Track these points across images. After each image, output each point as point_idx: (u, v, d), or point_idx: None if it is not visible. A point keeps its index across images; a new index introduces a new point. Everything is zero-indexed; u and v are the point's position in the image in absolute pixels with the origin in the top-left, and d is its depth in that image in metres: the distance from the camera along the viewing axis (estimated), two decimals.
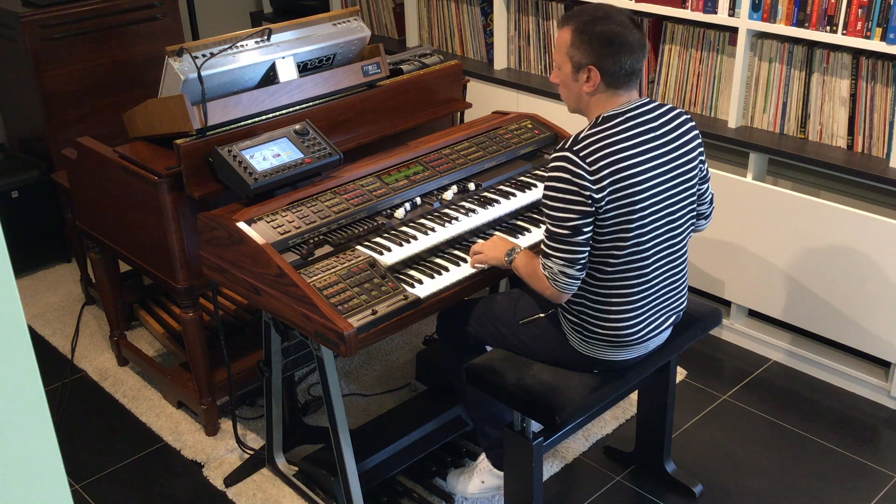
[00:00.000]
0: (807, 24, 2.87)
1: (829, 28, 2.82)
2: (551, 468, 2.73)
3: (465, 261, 2.34)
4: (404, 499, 2.60)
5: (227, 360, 2.68)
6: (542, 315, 2.25)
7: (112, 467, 2.82)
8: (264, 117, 2.61)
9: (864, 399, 3.04)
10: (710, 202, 2.30)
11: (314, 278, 2.13)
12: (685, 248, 2.21)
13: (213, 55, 2.49)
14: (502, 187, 2.65)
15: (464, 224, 2.46)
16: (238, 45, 2.57)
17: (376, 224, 2.40)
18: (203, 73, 2.44)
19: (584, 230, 2.01)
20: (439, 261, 2.36)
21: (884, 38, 2.70)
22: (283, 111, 2.65)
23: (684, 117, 2.15)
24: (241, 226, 2.23)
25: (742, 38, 3.05)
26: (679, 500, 2.62)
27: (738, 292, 3.25)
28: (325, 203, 2.38)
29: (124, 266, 3.23)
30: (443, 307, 2.31)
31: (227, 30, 3.57)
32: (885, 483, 2.67)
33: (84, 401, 3.14)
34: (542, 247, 2.08)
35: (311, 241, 2.27)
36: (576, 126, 2.21)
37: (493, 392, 2.24)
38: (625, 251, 2.05)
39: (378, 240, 2.35)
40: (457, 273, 2.30)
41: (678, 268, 2.20)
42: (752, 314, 3.35)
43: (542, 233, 2.09)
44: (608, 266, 2.07)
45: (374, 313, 2.07)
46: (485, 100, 3.79)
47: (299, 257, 2.20)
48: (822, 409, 3.00)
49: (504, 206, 2.55)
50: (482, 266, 2.32)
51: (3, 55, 3.77)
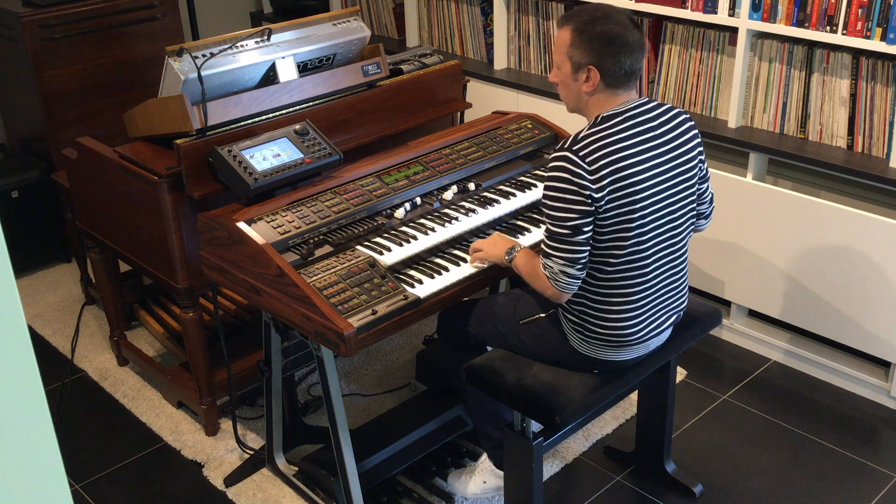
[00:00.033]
0: (807, 24, 2.87)
1: (829, 28, 2.82)
2: (551, 468, 2.73)
3: (465, 261, 2.34)
4: (404, 499, 2.60)
5: (227, 360, 2.68)
6: (543, 315, 2.25)
7: (112, 467, 2.82)
8: (264, 117, 2.61)
9: (864, 399, 3.04)
10: (711, 202, 2.30)
11: (314, 278, 2.13)
12: (685, 247, 2.21)
13: (213, 55, 2.49)
14: (502, 187, 2.65)
15: (464, 224, 2.46)
16: (238, 45, 2.57)
17: (376, 224, 2.40)
18: (203, 73, 2.44)
19: (585, 230, 2.01)
20: (439, 261, 2.36)
21: (884, 38, 2.70)
22: (283, 111, 2.65)
23: (683, 117, 2.15)
24: (241, 226, 2.23)
25: (742, 38, 3.05)
26: (679, 500, 2.62)
27: (738, 292, 3.25)
28: (325, 203, 2.38)
29: (124, 266, 3.24)
30: (443, 307, 2.31)
31: (227, 30, 3.57)
32: (885, 483, 2.67)
33: (84, 401, 3.14)
34: (543, 246, 2.08)
35: (311, 241, 2.27)
36: (576, 126, 2.20)
37: (493, 392, 2.24)
38: (625, 251, 2.05)
39: (378, 240, 2.35)
40: (457, 273, 2.30)
41: (678, 267, 2.20)
42: (752, 314, 3.35)
43: (543, 233, 2.09)
44: (608, 266, 2.07)
45: (374, 313, 2.07)
46: (485, 100, 3.79)
47: (299, 257, 2.20)
48: (822, 409, 3.00)
49: (504, 206, 2.55)
50: (482, 264, 2.32)
51: (3, 55, 3.77)
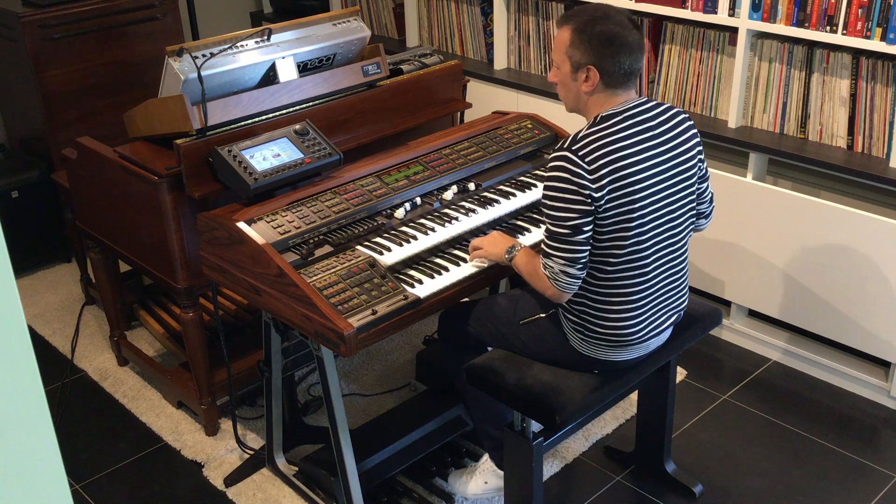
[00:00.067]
0: (807, 24, 2.87)
1: (829, 28, 2.82)
2: (551, 468, 2.73)
3: (465, 261, 2.34)
4: (404, 499, 2.60)
5: (227, 360, 2.68)
6: (543, 315, 2.25)
7: (112, 467, 2.82)
8: (264, 117, 2.61)
9: (864, 399, 3.04)
10: (710, 201, 2.30)
11: (314, 278, 2.13)
12: (685, 247, 2.21)
13: (213, 55, 2.49)
14: (502, 187, 2.65)
15: (464, 224, 2.46)
16: (238, 45, 2.57)
17: (376, 224, 2.40)
18: (203, 73, 2.44)
19: (585, 229, 2.01)
20: (439, 261, 2.36)
21: (884, 38, 2.70)
22: (283, 111, 2.65)
23: (682, 116, 2.15)
24: (241, 226, 2.23)
25: (742, 38, 3.05)
26: (679, 500, 2.62)
27: (738, 292, 3.25)
28: (325, 203, 2.38)
29: (124, 266, 3.24)
30: (443, 307, 2.31)
31: (227, 30, 3.57)
32: (885, 483, 2.67)
33: (84, 401, 3.14)
34: (543, 246, 2.08)
35: (311, 241, 2.27)
36: (576, 126, 2.20)
37: (493, 392, 2.24)
38: (625, 250, 2.05)
39: (378, 240, 2.35)
40: (457, 273, 2.30)
41: (678, 267, 2.20)
42: (752, 314, 3.35)
43: (543, 233, 2.09)
44: (608, 265, 2.07)
45: (374, 313, 2.07)
46: (485, 100, 3.79)
47: (299, 257, 2.20)
48: (822, 409, 3.00)
49: (504, 206, 2.55)
50: (482, 263, 2.32)
51: (3, 55, 3.77)
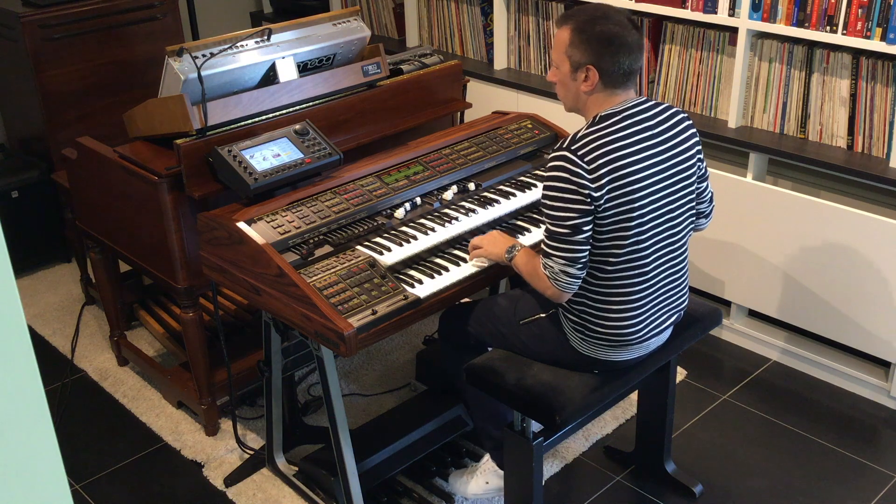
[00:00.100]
0: (807, 24, 2.87)
1: (829, 28, 2.82)
2: (551, 468, 2.73)
3: (465, 261, 2.34)
4: (404, 499, 2.60)
5: (227, 360, 2.68)
6: (543, 315, 2.25)
7: (112, 467, 2.82)
8: (264, 117, 2.61)
9: (864, 399, 3.04)
10: (710, 200, 2.31)
11: (314, 278, 2.13)
12: (685, 246, 2.21)
13: (213, 55, 2.49)
14: (502, 187, 2.65)
15: (464, 224, 2.46)
16: (238, 45, 2.57)
17: (376, 224, 2.40)
18: (203, 73, 2.44)
19: (584, 229, 2.02)
20: (439, 261, 2.36)
21: (884, 38, 2.70)
22: (283, 111, 2.65)
23: (681, 115, 2.15)
24: (241, 226, 2.23)
25: (742, 38, 3.05)
26: (679, 500, 2.62)
27: (738, 292, 3.25)
28: (325, 203, 2.38)
29: (124, 266, 3.24)
30: (443, 307, 2.31)
31: (227, 30, 3.57)
32: (885, 483, 2.67)
33: (84, 401, 3.14)
34: (543, 246, 2.08)
35: (311, 241, 2.27)
36: (576, 126, 2.20)
37: (493, 392, 2.24)
38: (624, 250, 2.06)
39: (378, 240, 2.35)
40: (457, 273, 2.30)
41: (678, 266, 2.20)
42: (752, 314, 3.35)
43: (542, 232, 2.09)
44: (608, 265, 2.07)
45: (374, 313, 2.07)
46: (485, 100, 3.79)
47: (299, 257, 2.20)
48: (822, 409, 3.00)
49: (504, 206, 2.55)
50: (482, 263, 2.32)
51: (3, 55, 3.77)
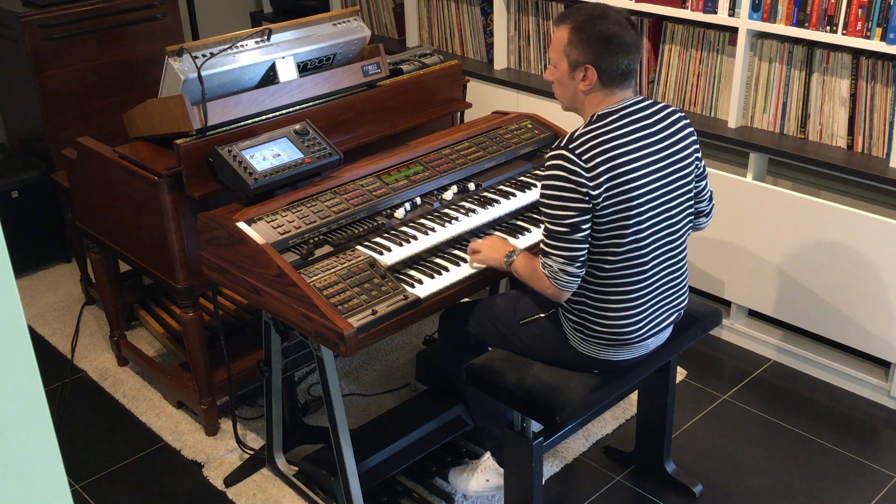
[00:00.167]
0: (807, 24, 2.87)
1: (829, 28, 2.82)
2: (551, 468, 2.73)
3: (465, 261, 2.34)
4: (404, 499, 2.60)
5: (227, 360, 2.68)
6: (543, 315, 2.25)
7: (112, 467, 2.82)
8: (264, 117, 2.61)
9: (864, 399, 3.04)
10: (710, 199, 2.31)
11: (314, 278, 2.13)
12: (684, 245, 2.21)
13: (213, 55, 2.49)
14: (502, 187, 2.65)
15: (464, 224, 2.46)
16: (238, 45, 2.57)
17: (376, 224, 2.40)
18: (203, 73, 2.44)
19: (583, 227, 2.02)
20: (439, 261, 2.36)
21: (884, 38, 2.70)
22: (283, 111, 2.65)
23: (678, 115, 2.16)
24: (241, 226, 2.23)
25: (742, 38, 3.05)
26: (679, 500, 2.62)
27: (738, 292, 3.25)
28: (325, 203, 2.38)
29: (124, 266, 3.24)
30: (443, 307, 2.31)
31: (227, 30, 3.57)
32: (885, 483, 2.67)
33: (84, 401, 3.14)
34: (542, 245, 2.09)
35: (311, 241, 2.27)
36: (576, 126, 2.20)
37: (493, 392, 2.24)
38: (623, 248, 2.06)
39: (378, 240, 2.35)
40: (457, 273, 2.30)
41: (677, 265, 2.20)
42: (752, 314, 3.35)
43: (541, 232, 2.10)
44: (607, 263, 2.08)
45: (374, 313, 2.07)
46: (485, 100, 3.79)
47: (299, 257, 2.20)
48: (822, 409, 3.00)
49: (504, 206, 2.55)
50: (481, 266, 2.32)
51: (3, 55, 3.77)
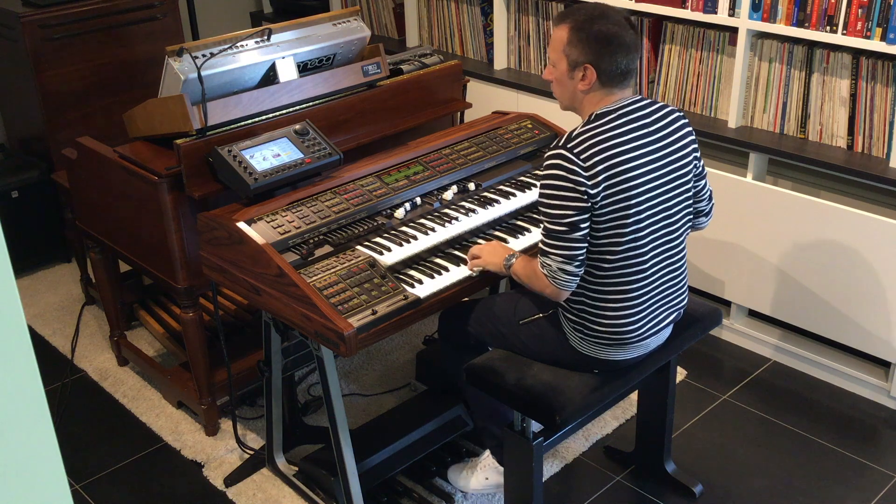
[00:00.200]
0: (807, 24, 2.87)
1: (829, 28, 2.82)
2: (551, 468, 2.73)
3: (465, 261, 2.34)
4: (404, 499, 2.60)
5: (227, 360, 2.68)
6: (543, 315, 2.25)
7: (112, 467, 2.82)
8: (264, 117, 2.61)
9: (864, 399, 3.04)
10: (710, 198, 2.31)
11: (314, 278, 2.13)
12: (683, 244, 2.21)
13: (213, 55, 2.49)
14: (502, 187, 2.65)
15: (464, 224, 2.46)
16: (238, 45, 2.57)
17: (376, 224, 2.40)
18: (203, 73, 2.44)
19: (582, 226, 2.02)
20: (439, 261, 2.36)
21: (884, 38, 2.70)
22: (283, 111, 2.65)
23: (677, 114, 2.16)
24: (241, 226, 2.23)
25: (742, 38, 3.05)
26: (679, 500, 2.62)
27: (738, 292, 3.25)
28: (325, 203, 2.38)
29: (124, 266, 3.24)
30: (443, 307, 2.31)
31: (227, 30, 3.57)
32: (885, 483, 2.67)
33: (84, 401, 3.14)
34: (540, 245, 2.09)
35: (311, 241, 2.27)
36: (576, 126, 2.20)
37: (493, 392, 2.25)
38: (622, 247, 2.06)
39: (378, 240, 2.35)
40: (457, 273, 2.30)
41: (677, 264, 2.20)
42: (752, 314, 3.35)
43: (540, 231, 2.10)
44: (606, 263, 2.08)
45: (374, 313, 2.07)
46: (485, 100, 3.79)
47: (299, 257, 2.20)
48: (822, 409, 3.00)
49: (504, 206, 2.55)
50: (480, 267, 2.32)
51: (3, 55, 3.77)
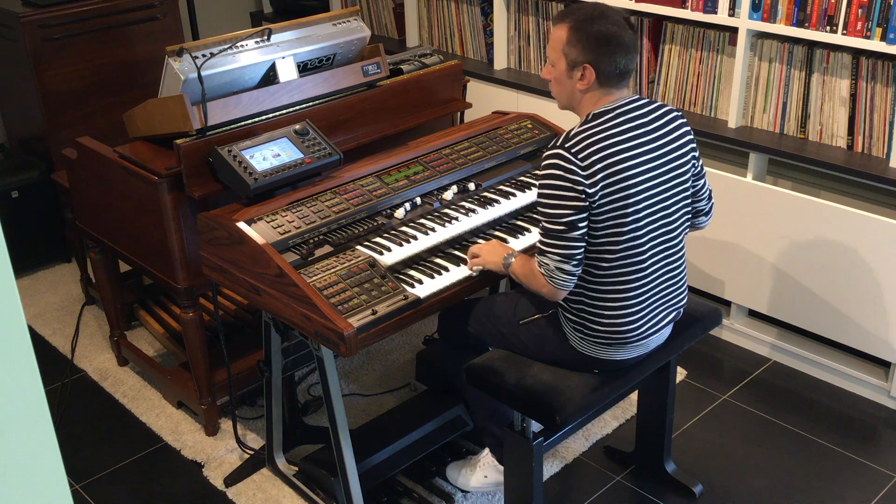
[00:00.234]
0: (807, 24, 2.87)
1: (829, 28, 2.82)
2: (551, 468, 2.73)
3: (465, 261, 2.34)
4: (404, 499, 2.60)
5: (227, 360, 2.68)
6: (543, 315, 2.25)
7: (112, 467, 2.82)
8: (264, 117, 2.61)
9: (864, 399, 3.04)
10: (709, 198, 2.31)
11: (314, 278, 2.13)
12: (682, 244, 2.21)
13: (213, 55, 2.49)
14: (502, 187, 2.65)
15: (464, 224, 2.46)
16: (238, 45, 2.57)
17: (376, 224, 2.40)
18: (203, 73, 2.44)
19: (580, 225, 2.02)
20: (439, 261, 2.36)
21: (884, 38, 2.70)
22: (283, 111, 2.65)
23: (675, 114, 2.16)
24: (241, 226, 2.23)
25: (742, 38, 3.05)
26: (679, 500, 2.62)
27: (738, 292, 3.25)
28: (325, 203, 2.38)
29: (124, 266, 3.24)
30: (443, 307, 2.31)
31: (227, 30, 3.57)
32: (885, 483, 2.67)
33: (84, 401, 3.14)
34: (538, 244, 2.09)
35: (311, 241, 2.27)
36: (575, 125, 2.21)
37: (493, 392, 2.25)
38: (620, 246, 2.06)
39: (378, 240, 2.35)
40: (457, 273, 2.30)
41: (676, 264, 2.20)
42: (752, 314, 3.35)
43: (538, 230, 2.10)
44: (604, 262, 2.08)
45: (374, 313, 2.07)
46: (485, 100, 3.79)
47: (299, 257, 2.20)
48: (822, 409, 3.00)
49: (504, 206, 2.55)
50: (479, 267, 2.32)
51: (3, 55, 3.77)
